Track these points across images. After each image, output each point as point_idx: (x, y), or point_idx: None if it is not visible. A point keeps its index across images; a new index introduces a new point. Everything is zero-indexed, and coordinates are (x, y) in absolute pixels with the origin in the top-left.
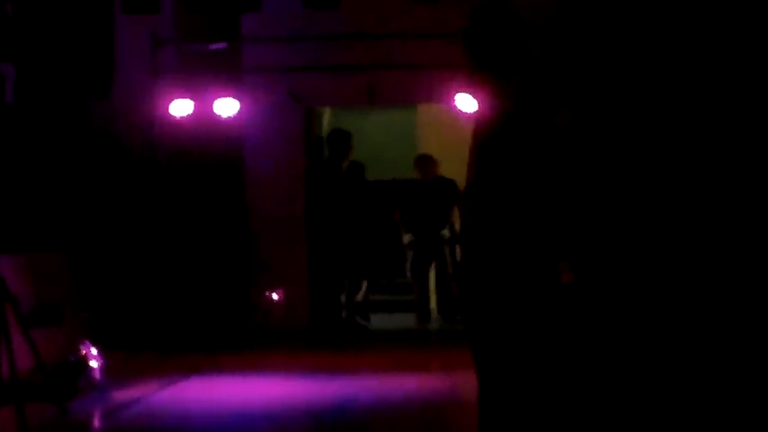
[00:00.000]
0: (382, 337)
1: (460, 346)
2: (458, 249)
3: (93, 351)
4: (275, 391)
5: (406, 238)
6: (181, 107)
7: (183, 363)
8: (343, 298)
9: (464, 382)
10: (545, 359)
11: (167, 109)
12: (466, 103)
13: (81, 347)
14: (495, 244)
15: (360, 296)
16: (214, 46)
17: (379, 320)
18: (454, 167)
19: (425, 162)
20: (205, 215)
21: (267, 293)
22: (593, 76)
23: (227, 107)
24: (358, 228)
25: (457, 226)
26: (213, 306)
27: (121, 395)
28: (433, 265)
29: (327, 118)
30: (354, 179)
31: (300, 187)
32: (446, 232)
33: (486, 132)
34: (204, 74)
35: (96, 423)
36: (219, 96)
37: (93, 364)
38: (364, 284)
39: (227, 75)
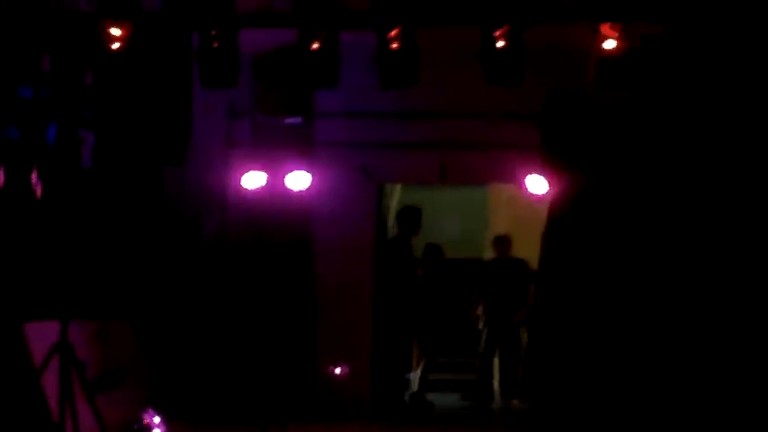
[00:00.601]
0: (445, 416)
1: (522, 427)
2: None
3: (156, 419)
4: None
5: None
6: (253, 179)
7: None
8: (412, 374)
9: None
10: None
11: (240, 180)
12: (537, 184)
13: (144, 415)
14: (569, 323)
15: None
16: (289, 120)
17: (438, 399)
18: (524, 247)
19: (503, 242)
20: (272, 286)
21: (331, 368)
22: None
23: (298, 180)
24: (433, 305)
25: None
26: (277, 378)
27: None
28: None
29: (398, 194)
30: (432, 260)
31: (369, 262)
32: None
33: (557, 214)
34: (277, 147)
35: None
36: (292, 170)
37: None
38: (422, 364)
39: (300, 149)
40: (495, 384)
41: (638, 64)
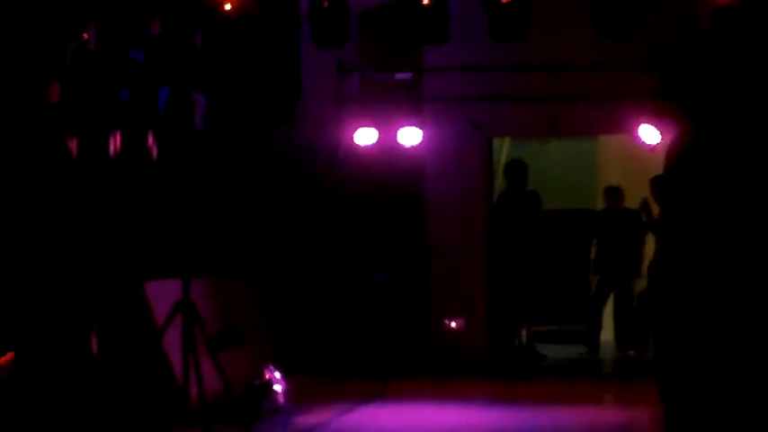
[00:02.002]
0: (556, 368)
1: (635, 378)
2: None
3: (277, 375)
4: (454, 420)
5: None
6: (365, 135)
7: (364, 388)
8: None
9: (640, 416)
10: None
11: (351, 137)
12: (649, 134)
13: (265, 371)
14: (691, 272)
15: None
16: (398, 75)
17: (550, 351)
18: (636, 199)
19: (615, 194)
20: (385, 241)
21: (447, 321)
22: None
23: (410, 136)
24: (539, 256)
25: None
26: (392, 332)
27: (304, 420)
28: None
29: (507, 147)
30: (531, 208)
31: (481, 216)
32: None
33: (674, 162)
34: (387, 103)
35: None
36: (402, 125)
37: (277, 388)
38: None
39: (410, 104)
40: (606, 335)
41: (755, 14)
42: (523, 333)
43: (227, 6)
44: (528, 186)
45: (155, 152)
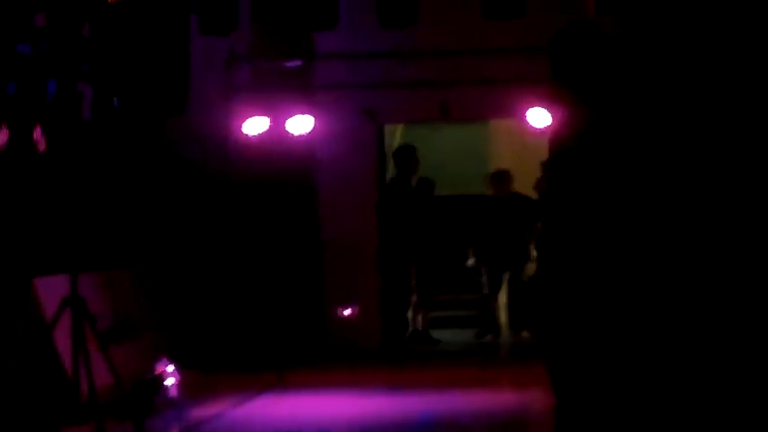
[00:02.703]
0: (452, 353)
1: (530, 361)
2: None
3: (170, 368)
4: (347, 408)
5: (470, 260)
6: (255, 124)
7: (257, 380)
8: (411, 314)
9: (533, 399)
10: (630, 368)
11: (242, 126)
12: (539, 117)
13: (158, 365)
14: (573, 257)
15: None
16: (289, 63)
17: (446, 336)
18: (527, 182)
19: (500, 178)
20: (278, 232)
21: (339, 309)
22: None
23: (300, 124)
24: (427, 244)
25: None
26: (286, 323)
27: (198, 413)
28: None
29: (400, 133)
30: (424, 195)
31: (372, 204)
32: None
33: (561, 147)
34: (279, 91)
35: None
36: (293, 114)
37: (170, 381)
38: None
39: (301, 92)
40: (503, 318)
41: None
42: (419, 319)
43: None
44: (419, 172)
45: (42, 145)
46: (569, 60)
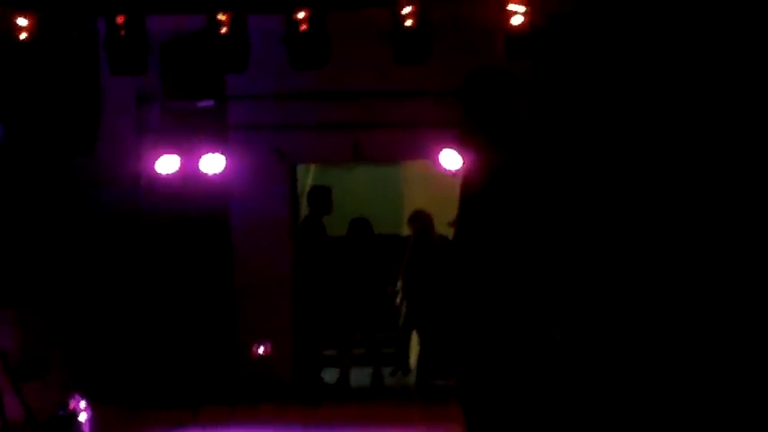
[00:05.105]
0: (364, 393)
1: (442, 401)
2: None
3: (82, 405)
4: None
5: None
6: (167, 164)
7: (172, 416)
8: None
9: None
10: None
11: (153, 166)
12: (450, 159)
13: (70, 401)
14: (480, 300)
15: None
16: (200, 104)
17: (359, 374)
18: (440, 224)
19: (420, 218)
20: (191, 270)
21: (254, 347)
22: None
23: (213, 164)
24: (350, 282)
25: None
26: (201, 360)
27: None
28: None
29: (312, 173)
30: (362, 235)
31: (286, 243)
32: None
33: (473, 189)
34: (190, 131)
35: None
36: (206, 153)
37: (82, 417)
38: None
39: (213, 132)
40: (413, 359)
41: (544, 39)
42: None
43: (23, 35)
44: (332, 211)
45: None
46: (480, 103)
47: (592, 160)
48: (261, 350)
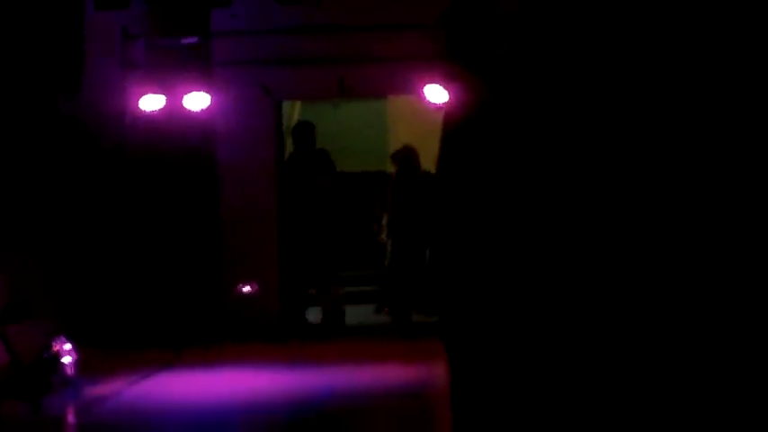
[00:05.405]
0: (353, 329)
1: (429, 338)
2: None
3: (67, 347)
4: (247, 385)
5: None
6: (151, 102)
7: (155, 357)
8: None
9: (431, 373)
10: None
11: (137, 103)
12: (435, 93)
13: (54, 344)
14: (464, 236)
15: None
16: (185, 40)
17: (349, 312)
18: (428, 158)
19: (405, 154)
20: (176, 209)
21: (239, 286)
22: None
23: (197, 101)
24: (330, 219)
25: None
26: (185, 300)
27: (95, 391)
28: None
29: (298, 110)
30: (322, 166)
31: (271, 180)
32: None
33: (456, 123)
34: (175, 68)
35: (70, 419)
36: (190, 90)
37: (67, 360)
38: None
39: (197, 69)
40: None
41: None
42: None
43: None
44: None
45: None
46: (464, 35)
47: (578, 98)
48: (246, 290)
